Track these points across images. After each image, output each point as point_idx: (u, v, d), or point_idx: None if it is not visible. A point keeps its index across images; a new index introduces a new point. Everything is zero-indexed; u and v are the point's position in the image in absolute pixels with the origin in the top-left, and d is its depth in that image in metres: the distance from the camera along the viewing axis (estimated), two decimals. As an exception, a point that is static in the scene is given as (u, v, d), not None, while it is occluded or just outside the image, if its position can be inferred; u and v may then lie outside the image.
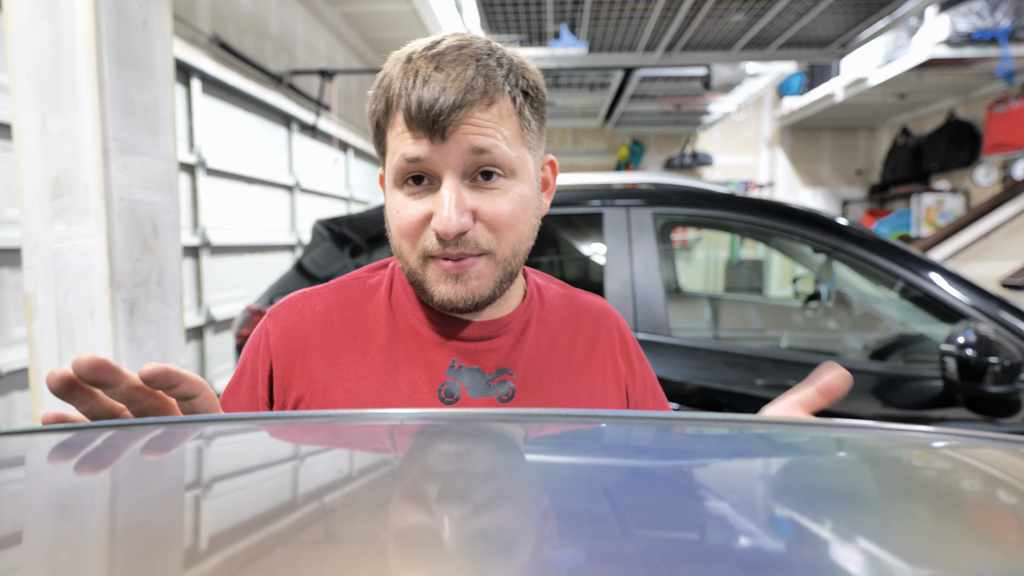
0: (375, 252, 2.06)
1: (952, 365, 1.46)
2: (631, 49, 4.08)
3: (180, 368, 0.44)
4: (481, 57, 0.55)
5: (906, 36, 4.97)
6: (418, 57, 0.55)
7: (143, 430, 0.39)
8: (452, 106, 0.53)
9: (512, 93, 0.56)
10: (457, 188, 0.55)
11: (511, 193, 0.57)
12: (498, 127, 0.55)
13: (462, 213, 0.55)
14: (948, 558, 0.22)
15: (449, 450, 0.36)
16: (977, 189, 5.83)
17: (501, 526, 0.24)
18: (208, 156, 3.28)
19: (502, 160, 0.56)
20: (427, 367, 0.63)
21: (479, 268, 0.58)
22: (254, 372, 0.64)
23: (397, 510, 0.26)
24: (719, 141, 7.92)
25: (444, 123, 0.53)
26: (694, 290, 4.17)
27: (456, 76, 0.53)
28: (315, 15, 4.57)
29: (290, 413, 0.45)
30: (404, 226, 0.58)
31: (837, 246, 1.76)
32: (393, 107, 0.56)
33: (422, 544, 0.22)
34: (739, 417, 0.40)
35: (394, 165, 0.57)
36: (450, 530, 0.23)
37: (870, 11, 3.33)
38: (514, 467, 0.32)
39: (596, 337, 0.70)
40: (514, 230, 0.58)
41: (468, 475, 0.31)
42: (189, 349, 3.28)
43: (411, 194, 0.58)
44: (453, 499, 0.27)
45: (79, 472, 0.32)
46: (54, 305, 1.51)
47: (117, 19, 1.51)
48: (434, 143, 0.54)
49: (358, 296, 0.67)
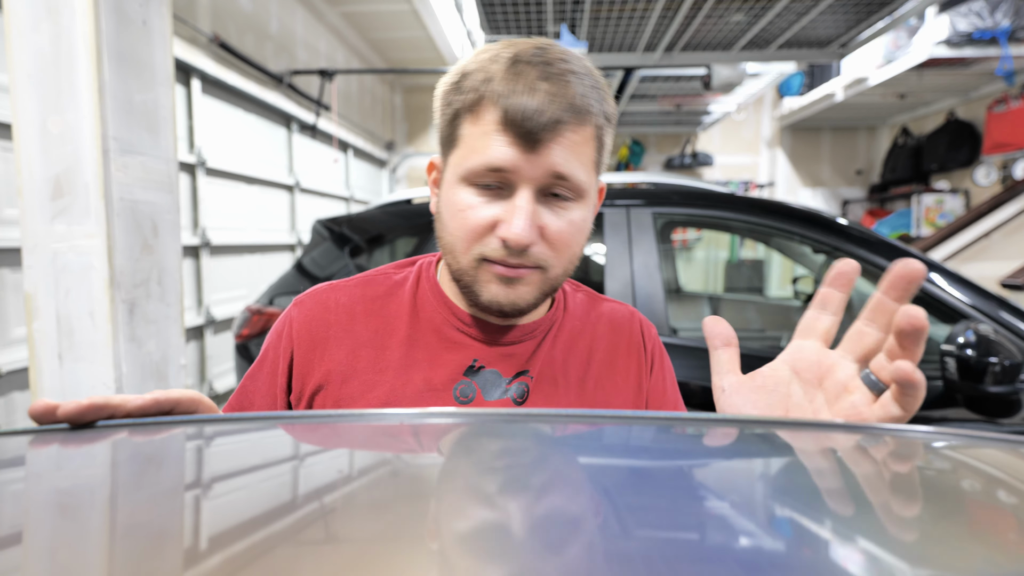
0: (375, 252, 2.06)
1: (952, 365, 1.46)
2: (631, 49, 4.08)
3: (168, 393, 0.44)
4: (583, 76, 0.56)
5: (906, 36, 4.97)
6: (526, 61, 0.55)
7: (143, 430, 0.39)
8: (552, 121, 0.53)
9: (598, 120, 0.57)
10: (532, 202, 0.55)
11: (575, 215, 0.58)
12: (581, 152, 0.56)
13: (533, 228, 0.55)
14: (948, 558, 0.22)
15: (439, 449, 0.36)
16: (977, 189, 5.83)
17: (497, 528, 0.24)
18: (208, 156, 3.28)
19: (577, 185, 0.56)
20: (445, 366, 0.63)
21: (531, 278, 0.58)
22: (275, 358, 0.65)
23: (384, 509, 0.26)
24: (719, 141, 7.92)
25: (540, 135, 0.53)
26: (694, 290, 4.16)
27: (561, 92, 0.53)
28: (315, 15, 4.57)
29: (289, 413, 0.45)
30: (469, 226, 0.57)
31: (837, 246, 1.76)
32: (488, 104, 0.55)
33: (418, 545, 0.22)
34: (739, 417, 0.40)
35: (471, 165, 0.56)
36: (447, 531, 0.23)
37: (870, 11, 3.33)
38: (505, 466, 0.32)
39: (616, 345, 0.70)
40: (571, 251, 0.59)
41: (450, 474, 0.31)
42: (189, 349, 3.28)
43: (482, 195, 0.57)
44: (444, 499, 0.27)
45: (79, 472, 0.32)
46: (54, 305, 1.51)
47: (117, 19, 1.51)
48: (523, 152, 0.54)
49: (383, 291, 0.67)
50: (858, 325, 0.44)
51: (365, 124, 5.89)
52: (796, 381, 0.46)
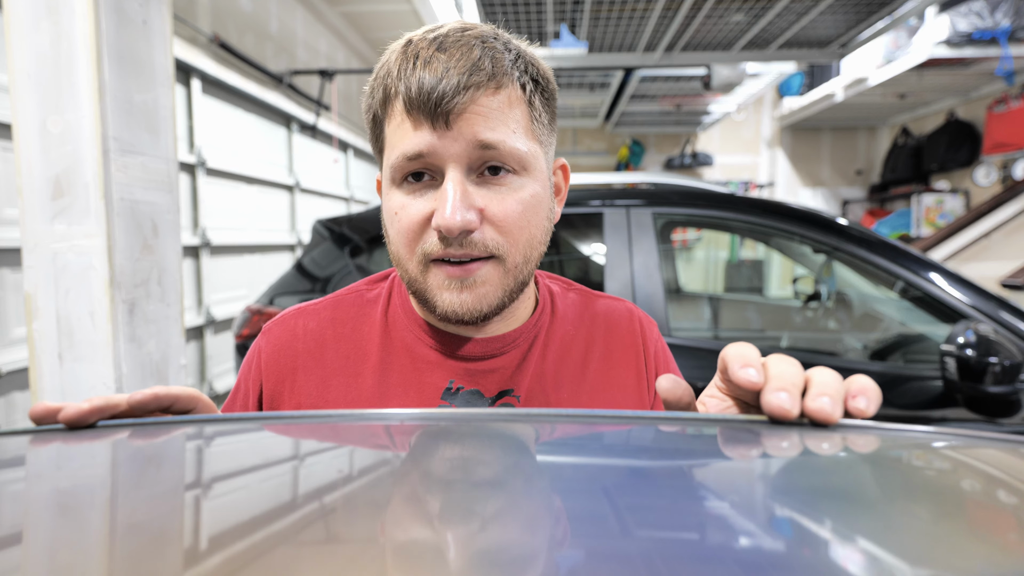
0: (375, 252, 2.06)
1: (952, 365, 1.46)
2: (631, 49, 4.08)
3: (168, 388, 0.44)
4: (487, 40, 0.51)
5: (906, 36, 4.97)
6: (418, 40, 0.51)
7: (143, 430, 0.39)
8: (457, 88, 0.48)
9: (521, 79, 0.52)
10: (462, 182, 0.50)
11: (522, 192, 0.52)
12: (507, 117, 0.50)
13: (468, 209, 0.49)
14: (948, 558, 0.22)
15: (436, 452, 0.36)
16: (977, 189, 5.83)
17: (496, 529, 0.24)
18: (208, 156, 3.28)
19: (512, 154, 0.50)
20: (421, 390, 0.58)
21: (486, 273, 0.52)
22: (246, 391, 0.62)
23: (383, 512, 0.26)
24: (719, 141, 7.92)
25: (448, 107, 0.48)
26: (694, 290, 4.16)
27: (460, 56, 0.49)
28: (315, 15, 4.58)
29: (289, 413, 0.45)
30: (403, 227, 0.52)
31: (837, 246, 1.76)
32: (392, 94, 0.51)
33: (422, 549, 0.22)
34: (739, 417, 0.40)
35: (392, 162, 0.52)
36: (450, 533, 0.23)
37: (870, 11, 3.33)
38: (505, 468, 0.32)
39: (613, 346, 0.64)
40: (525, 233, 0.53)
41: (454, 478, 0.31)
42: (189, 349, 3.28)
43: (411, 192, 0.52)
44: (444, 502, 0.27)
45: (79, 472, 0.32)
46: (54, 305, 1.51)
47: (117, 19, 1.51)
48: (437, 131, 0.49)
49: (354, 312, 0.62)
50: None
51: (365, 124, 5.89)
52: None
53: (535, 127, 0.54)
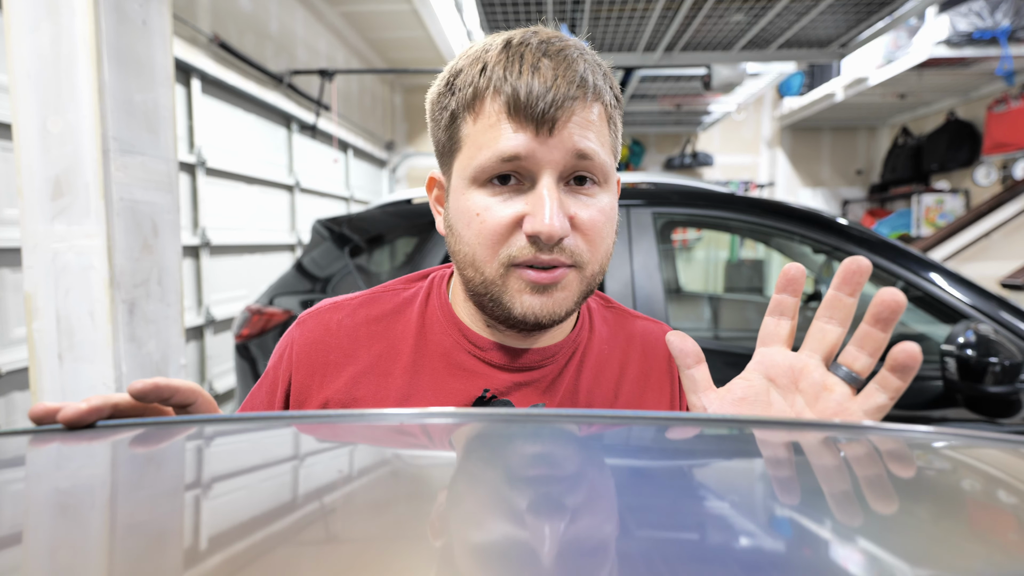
0: (375, 252, 2.06)
1: (952, 365, 1.46)
2: (631, 49, 4.08)
3: (169, 380, 0.44)
4: (584, 54, 0.52)
5: (906, 36, 4.97)
6: (519, 42, 0.50)
7: (142, 430, 0.39)
8: (565, 97, 0.48)
9: (607, 97, 0.53)
10: (558, 188, 0.50)
11: (603, 202, 0.53)
12: (598, 130, 0.51)
13: (563, 217, 0.49)
14: (948, 558, 0.22)
15: (442, 450, 0.36)
16: (977, 189, 5.83)
17: (500, 530, 0.24)
18: (208, 156, 3.28)
19: (600, 167, 0.51)
20: (451, 396, 0.57)
21: (568, 280, 0.52)
22: (275, 380, 0.62)
23: (384, 510, 0.26)
24: (719, 141, 7.92)
25: (555, 115, 0.48)
26: (694, 290, 4.16)
27: (568, 67, 0.49)
28: (315, 15, 4.57)
29: (289, 413, 0.45)
30: (488, 230, 0.51)
31: (837, 246, 1.76)
32: (488, 95, 0.50)
33: (418, 546, 0.22)
34: (739, 417, 0.40)
35: (480, 162, 0.50)
36: (448, 531, 0.23)
37: (870, 11, 3.33)
38: (509, 468, 0.32)
39: (648, 369, 0.63)
40: (605, 243, 0.54)
41: (451, 476, 0.31)
42: (189, 349, 3.28)
43: (496, 194, 0.51)
44: (444, 501, 0.27)
45: (79, 472, 0.32)
46: (54, 305, 1.51)
47: (117, 19, 1.51)
48: (539, 137, 0.49)
49: (389, 310, 0.62)
50: (819, 324, 0.46)
51: (365, 124, 5.89)
52: (773, 388, 0.45)
53: (613, 141, 0.55)
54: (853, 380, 0.42)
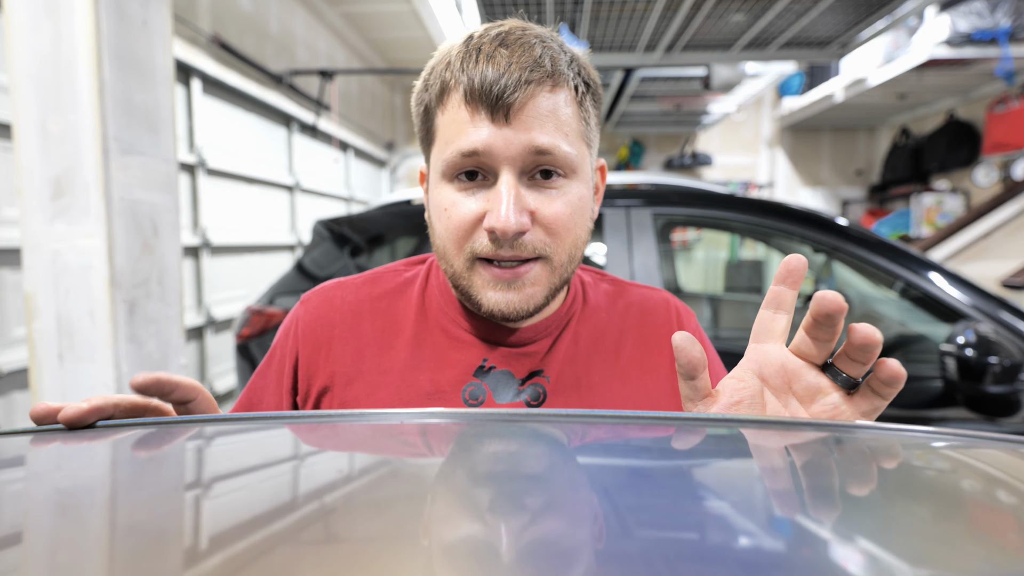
0: (375, 252, 2.06)
1: (952, 365, 1.46)
2: (631, 49, 4.08)
3: (171, 375, 0.44)
4: (546, 40, 0.53)
5: (906, 36, 4.97)
6: (480, 35, 0.52)
7: (142, 430, 0.39)
8: (518, 82, 0.49)
9: (575, 81, 0.53)
10: (516, 185, 0.51)
11: (570, 194, 0.53)
12: (560, 118, 0.52)
13: (521, 212, 0.51)
14: (948, 558, 0.22)
15: (443, 450, 0.36)
16: (977, 189, 5.83)
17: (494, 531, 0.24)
18: (208, 156, 3.28)
19: (563, 159, 0.52)
20: (453, 366, 0.59)
21: (534, 274, 0.54)
22: (282, 357, 0.63)
23: (383, 510, 0.26)
24: (719, 141, 7.92)
25: (509, 101, 0.49)
26: (694, 290, 4.16)
27: (523, 53, 0.50)
28: (315, 15, 4.57)
29: (289, 413, 0.45)
30: (454, 224, 0.53)
31: (837, 246, 1.76)
32: (451, 86, 0.52)
33: (417, 546, 0.22)
34: (740, 417, 0.40)
35: (446, 157, 0.52)
36: (444, 532, 0.23)
37: (870, 11, 3.33)
38: (504, 468, 0.32)
39: (648, 334, 0.64)
40: (572, 234, 0.54)
41: (461, 475, 0.31)
42: (189, 349, 3.28)
43: (463, 189, 0.53)
44: (444, 500, 0.27)
45: (79, 472, 0.32)
46: (54, 305, 1.51)
47: (117, 19, 1.51)
48: (496, 125, 0.50)
49: (390, 289, 0.64)
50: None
51: (365, 124, 5.89)
52: (767, 390, 0.44)
53: (583, 129, 0.55)
54: (848, 383, 0.42)
